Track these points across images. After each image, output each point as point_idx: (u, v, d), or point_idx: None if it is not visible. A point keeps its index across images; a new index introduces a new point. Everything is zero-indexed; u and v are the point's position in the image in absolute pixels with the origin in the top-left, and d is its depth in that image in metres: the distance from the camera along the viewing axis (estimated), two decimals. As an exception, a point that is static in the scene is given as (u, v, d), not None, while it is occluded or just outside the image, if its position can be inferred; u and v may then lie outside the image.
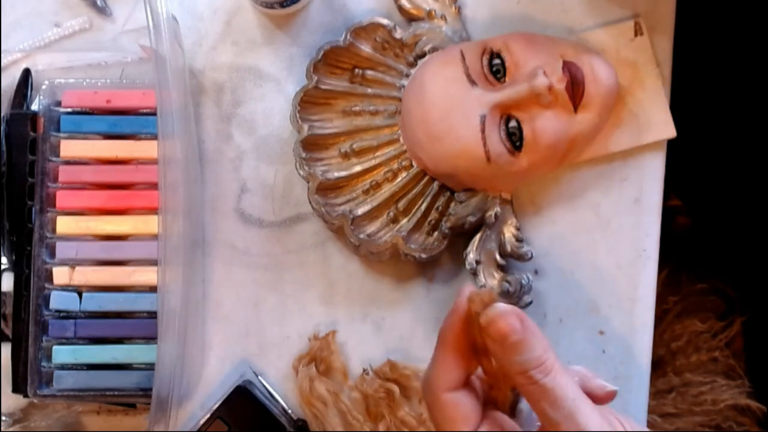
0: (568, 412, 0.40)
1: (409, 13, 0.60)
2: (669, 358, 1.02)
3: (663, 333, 1.02)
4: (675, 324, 1.03)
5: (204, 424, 0.58)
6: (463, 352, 0.44)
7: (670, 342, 1.02)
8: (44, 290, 0.58)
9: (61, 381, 0.58)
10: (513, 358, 0.41)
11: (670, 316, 1.03)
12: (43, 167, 0.58)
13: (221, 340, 0.61)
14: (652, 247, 0.60)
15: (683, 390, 1.01)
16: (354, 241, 0.57)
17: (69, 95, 0.59)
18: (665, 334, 1.02)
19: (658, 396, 1.00)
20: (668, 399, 1.00)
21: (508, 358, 0.41)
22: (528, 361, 0.41)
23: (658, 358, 1.01)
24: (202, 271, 0.60)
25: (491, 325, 0.41)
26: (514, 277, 0.58)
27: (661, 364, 1.02)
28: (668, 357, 1.02)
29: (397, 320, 0.61)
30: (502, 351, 0.41)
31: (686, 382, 1.01)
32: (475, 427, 0.43)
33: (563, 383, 0.41)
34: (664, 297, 1.03)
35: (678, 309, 1.04)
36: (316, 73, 0.58)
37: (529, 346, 0.41)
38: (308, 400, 0.59)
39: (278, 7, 0.59)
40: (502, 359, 0.42)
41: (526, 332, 0.41)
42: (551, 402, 0.40)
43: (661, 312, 1.03)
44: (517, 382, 0.42)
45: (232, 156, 0.61)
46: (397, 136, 0.58)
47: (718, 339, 1.04)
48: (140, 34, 0.61)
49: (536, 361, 0.41)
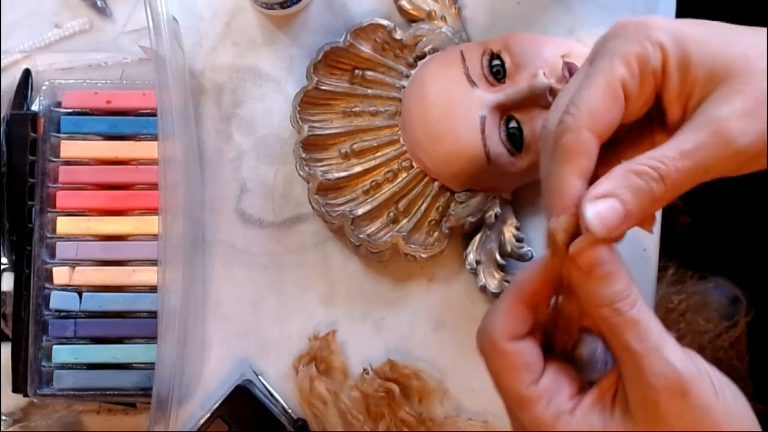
0: (653, 345, 0.39)
1: (409, 14, 0.60)
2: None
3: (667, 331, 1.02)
4: (680, 323, 1.03)
5: (204, 424, 0.58)
6: (535, 301, 0.42)
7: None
8: (44, 290, 0.58)
9: (61, 380, 0.58)
10: (600, 289, 0.39)
11: (674, 315, 1.03)
12: (44, 168, 0.58)
13: (221, 340, 0.61)
14: (652, 247, 0.60)
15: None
16: (354, 241, 0.57)
17: (69, 96, 0.59)
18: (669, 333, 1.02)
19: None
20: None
21: (594, 289, 0.39)
22: (616, 293, 0.39)
23: (662, 358, 1.01)
24: (202, 271, 0.60)
25: (580, 255, 0.39)
26: (514, 277, 0.58)
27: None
28: (672, 357, 1.02)
29: (397, 320, 0.61)
30: (588, 283, 0.40)
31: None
32: (538, 379, 0.41)
33: (648, 317, 0.40)
34: (668, 296, 1.03)
35: (683, 308, 1.04)
36: (316, 73, 0.58)
37: (618, 277, 0.39)
38: (308, 400, 0.59)
39: (278, 8, 0.59)
40: (587, 292, 0.40)
41: (615, 263, 0.40)
42: (637, 334, 0.39)
43: (666, 311, 1.03)
44: (600, 316, 0.40)
45: (232, 156, 0.61)
46: (398, 137, 0.58)
47: (722, 339, 1.04)
48: (140, 35, 0.61)
49: (624, 293, 0.39)
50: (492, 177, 0.56)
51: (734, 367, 1.03)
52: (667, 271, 1.04)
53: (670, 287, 1.04)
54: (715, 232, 1.02)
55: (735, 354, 1.04)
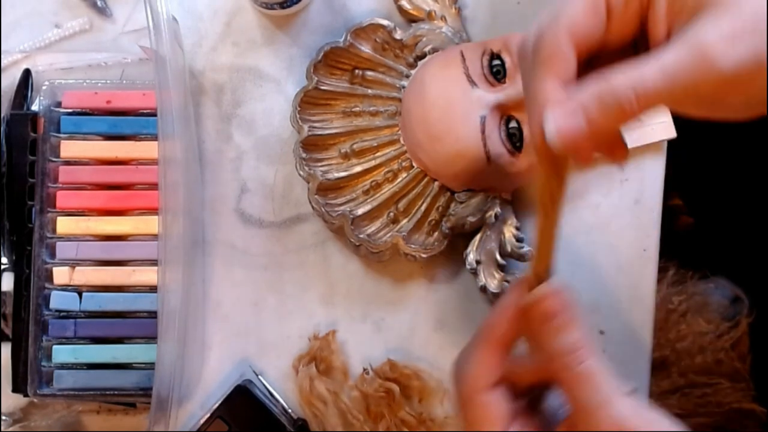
0: (603, 399, 0.39)
1: (409, 14, 0.60)
2: (674, 359, 1.02)
3: (668, 333, 1.02)
4: (680, 324, 1.03)
5: (204, 424, 0.58)
6: (505, 341, 0.43)
7: (675, 342, 1.02)
8: (44, 290, 0.58)
9: (61, 380, 0.58)
10: (553, 340, 0.40)
11: (675, 315, 1.03)
12: (44, 168, 0.58)
13: (221, 340, 0.61)
14: (653, 248, 0.60)
15: (688, 391, 1.01)
16: (354, 241, 0.57)
17: (69, 96, 0.59)
18: (670, 334, 1.02)
19: (663, 397, 1.00)
20: (672, 400, 1.00)
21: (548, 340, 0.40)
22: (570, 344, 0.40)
23: (663, 359, 1.01)
24: (202, 271, 0.60)
25: (533, 306, 0.40)
26: (514, 277, 0.58)
27: (666, 364, 1.01)
28: (673, 357, 1.02)
29: (397, 320, 0.61)
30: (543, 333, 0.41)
31: (691, 383, 1.01)
32: (507, 427, 0.42)
33: (600, 370, 0.40)
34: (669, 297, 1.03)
35: (683, 308, 1.04)
36: (316, 73, 0.58)
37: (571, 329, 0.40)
38: (308, 400, 0.59)
39: (278, 8, 0.59)
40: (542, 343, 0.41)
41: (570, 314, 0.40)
42: (588, 388, 0.40)
43: (667, 312, 1.03)
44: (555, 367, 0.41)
45: (232, 156, 0.61)
46: (398, 137, 0.58)
47: (724, 340, 1.03)
48: (140, 35, 0.61)
49: (577, 344, 0.40)
50: (492, 177, 0.56)
51: (735, 368, 1.03)
52: (667, 271, 1.04)
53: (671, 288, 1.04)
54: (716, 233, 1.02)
55: (736, 355, 1.03)
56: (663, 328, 1.01)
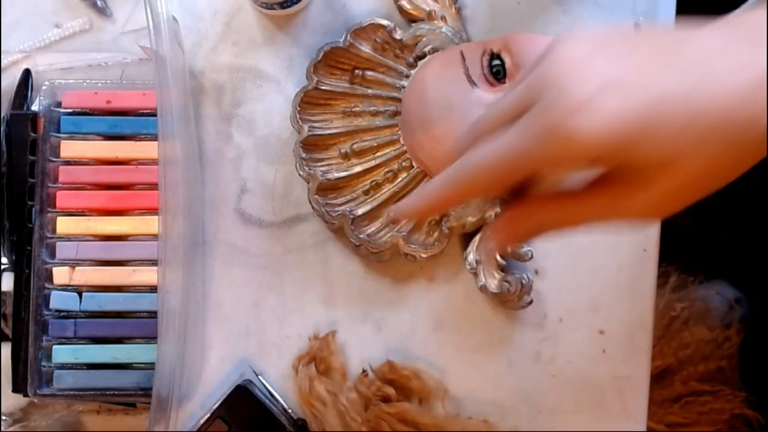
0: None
1: (409, 14, 0.60)
2: (677, 367, 1.02)
3: (671, 341, 1.02)
4: (683, 332, 1.03)
5: (204, 424, 0.58)
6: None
7: (677, 351, 1.01)
8: (44, 290, 0.58)
9: (61, 380, 0.58)
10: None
11: (677, 323, 1.03)
12: (44, 168, 0.58)
13: (221, 340, 0.61)
14: (652, 248, 0.60)
15: (690, 399, 1.00)
16: (354, 241, 0.57)
17: (69, 96, 0.59)
18: (673, 342, 1.02)
19: (665, 405, 1.00)
20: (675, 408, 1.00)
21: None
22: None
23: (666, 367, 1.01)
24: (202, 271, 0.60)
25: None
26: (514, 277, 0.58)
27: (668, 373, 1.01)
28: (676, 366, 1.02)
29: (397, 320, 0.61)
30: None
31: (692, 391, 1.01)
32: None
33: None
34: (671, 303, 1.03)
35: (686, 315, 1.04)
36: (316, 73, 0.58)
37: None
38: (308, 400, 0.59)
39: (278, 8, 0.59)
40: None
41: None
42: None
43: (669, 319, 1.03)
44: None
45: (232, 156, 0.61)
46: (398, 137, 0.58)
47: (725, 347, 1.03)
48: (140, 35, 0.61)
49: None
50: (492, 177, 0.56)
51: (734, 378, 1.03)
52: (669, 277, 1.03)
53: (673, 294, 1.04)
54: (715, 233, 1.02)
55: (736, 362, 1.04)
56: (665, 336, 1.01)
